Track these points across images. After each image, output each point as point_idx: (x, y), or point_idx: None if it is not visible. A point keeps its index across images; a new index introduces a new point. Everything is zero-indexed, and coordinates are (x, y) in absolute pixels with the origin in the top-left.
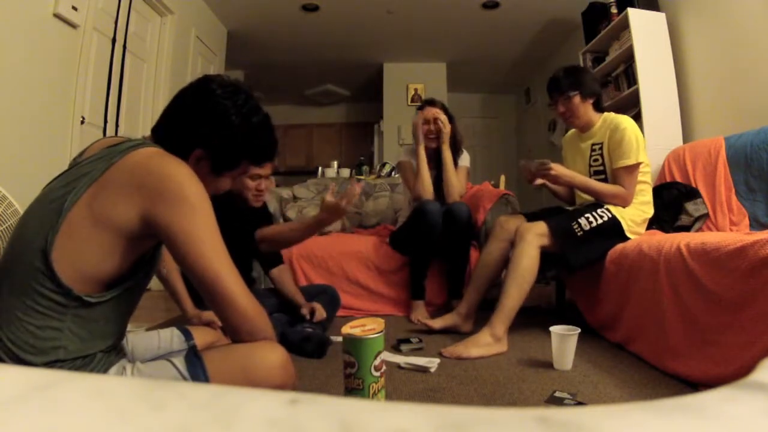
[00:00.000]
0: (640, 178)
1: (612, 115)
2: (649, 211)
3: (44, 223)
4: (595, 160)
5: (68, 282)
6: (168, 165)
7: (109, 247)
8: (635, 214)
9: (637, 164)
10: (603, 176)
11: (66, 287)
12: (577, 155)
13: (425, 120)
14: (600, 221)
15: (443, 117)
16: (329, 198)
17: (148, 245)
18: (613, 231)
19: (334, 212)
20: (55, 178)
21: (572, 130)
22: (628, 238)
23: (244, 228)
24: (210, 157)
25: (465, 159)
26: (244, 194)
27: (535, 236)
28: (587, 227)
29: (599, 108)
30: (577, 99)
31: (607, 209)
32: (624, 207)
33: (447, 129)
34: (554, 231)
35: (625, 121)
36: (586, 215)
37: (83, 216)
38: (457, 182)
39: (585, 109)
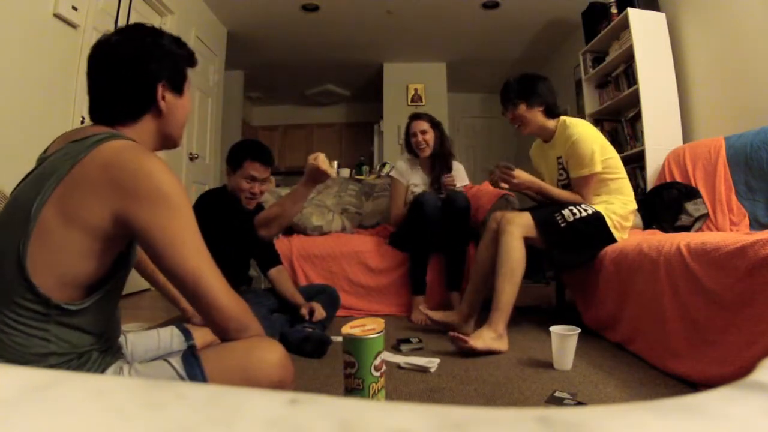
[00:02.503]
0: (609, 174)
1: (566, 122)
2: (632, 204)
3: (15, 232)
4: (561, 174)
5: (47, 291)
6: (142, 161)
7: (83, 249)
8: (618, 207)
9: (592, 175)
10: (570, 188)
11: (44, 297)
12: (545, 165)
13: (413, 133)
14: (584, 213)
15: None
16: (312, 161)
17: (123, 244)
18: (597, 227)
19: (317, 174)
20: (23, 180)
21: (537, 141)
22: (614, 239)
23: (242, 227)
24: (169, 83)
25: (463, 177)
26: (238, 194)
27: (518, 227)
28: (570, 218)
29: (553, 114)
30: (522, 107)
31: (590, 205)
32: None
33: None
34: (538, 221)
35: (576, 130)
36: (570, 207)
37: (53, 219)
38: None
39: (533, 117)
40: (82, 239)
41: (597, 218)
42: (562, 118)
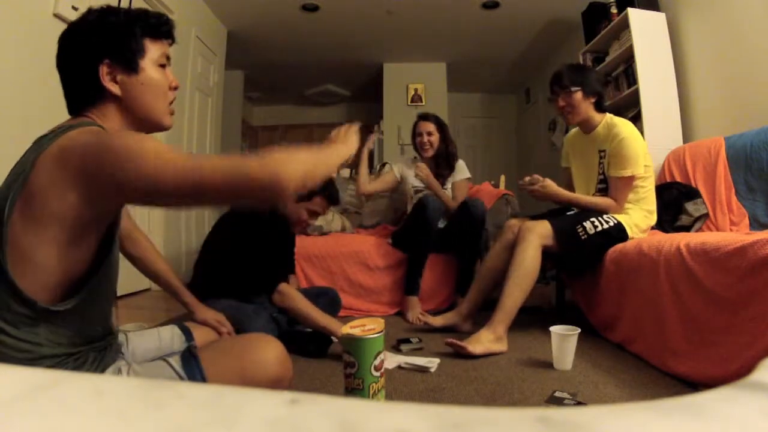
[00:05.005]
0: (642, 184)
1: (614, 120)
2: (653, 220)
3: None
4: (602, 168)
5: (32, 294)
6: (88, 133)
7: (60, 244)
8: (641, 219)
9: (633, 177)
10: (605, 184)
11: (30, 299)
12: (582, 157)
13: (419, 133)
14: (606, 226)
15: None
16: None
17: (96, 230)
18: (618, 239)
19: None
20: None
21: (575, 130)
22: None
23: (283, 245)
24: (115, 61)
25: (463, 170)
26: (294, 221)
27: (537, 236)
28: (592, 231)
29: (601, 108)
30: (578, 95)
31: (612, 215)
32: (612, 212)
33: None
34: (558, 232)
35: (625, 129)
36: (592, 219)
37: (25, 218)
38: (449, 199)
39: (585, 107)
40: (55, 233)
41: (619, 230)
42: (608, 115)
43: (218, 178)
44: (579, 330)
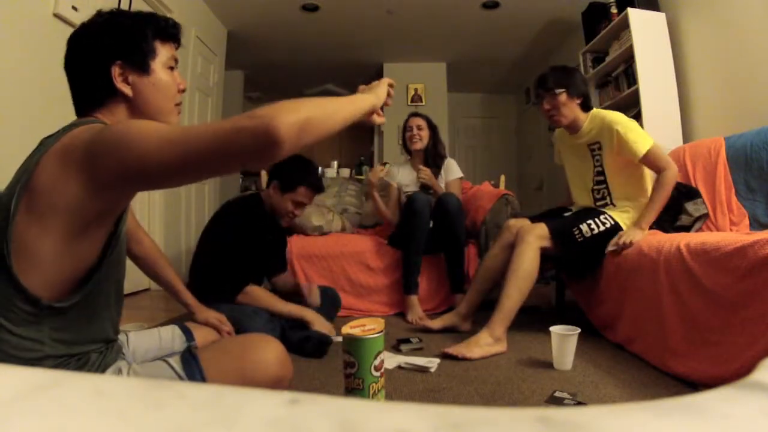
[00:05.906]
0: (642, 180)
1: (600, 112)
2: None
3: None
4: (597, 161)
5: (36, 291)
6: (92, 128)
7: (63, 239)
8: (636, 217)
9: (654, 146)
10: (603, 176)
11: (34, 297)
12: (573, 154)
13: (409, 127)
14: (602, 228)
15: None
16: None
17: (106, 227)
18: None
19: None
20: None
21: (560, 129)
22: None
23: (273, 241)
24: (128, 62)
25: (455, 171)
26: (281, 214)
27: (536, 238)
28: (588, 234)
29: (587, 109)
30: (563, 97)
31: (610, 216)
32: (676, 177)
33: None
34: (554, 234)
35: (618, 117)
36: (588, 221)
37: (29, 215)
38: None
39: (571, 108)
40: (59, 227)
41: (617, 230)
42: (594, 110)
43: (209, 137)
44: (579, 330)
